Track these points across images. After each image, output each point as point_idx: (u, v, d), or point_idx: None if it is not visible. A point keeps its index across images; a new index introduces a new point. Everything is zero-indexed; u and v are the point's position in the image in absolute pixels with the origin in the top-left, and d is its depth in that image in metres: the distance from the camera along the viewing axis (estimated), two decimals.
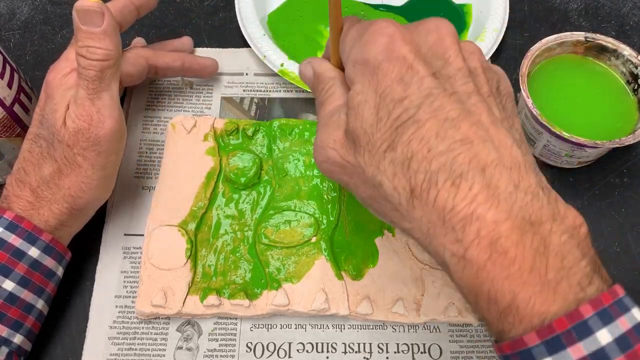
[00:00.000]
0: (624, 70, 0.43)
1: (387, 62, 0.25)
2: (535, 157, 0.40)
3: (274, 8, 0.52)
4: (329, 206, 0.41)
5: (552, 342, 0.21)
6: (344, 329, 0.38)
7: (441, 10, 0.52)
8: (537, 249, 0.22)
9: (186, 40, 0.48)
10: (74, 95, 0.34)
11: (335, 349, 0.38)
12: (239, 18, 0.49)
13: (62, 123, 0.34)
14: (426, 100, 0.24)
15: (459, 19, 0.52)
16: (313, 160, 0.42)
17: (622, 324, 0.21)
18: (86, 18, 0.33)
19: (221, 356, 0.37)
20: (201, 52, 0.50)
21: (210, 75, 0.47)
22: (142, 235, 0.41)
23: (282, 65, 0.46)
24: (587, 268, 0.22)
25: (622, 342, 0.21)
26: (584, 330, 0.21)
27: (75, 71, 0.36)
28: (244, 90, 0.48)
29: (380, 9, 0.52)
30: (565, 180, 0.44)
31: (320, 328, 0.38)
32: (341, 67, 0.30)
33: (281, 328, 0.38)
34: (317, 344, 0.38)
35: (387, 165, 0.24)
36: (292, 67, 0.46)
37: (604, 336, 0.21)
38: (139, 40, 0.47)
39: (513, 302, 0.22)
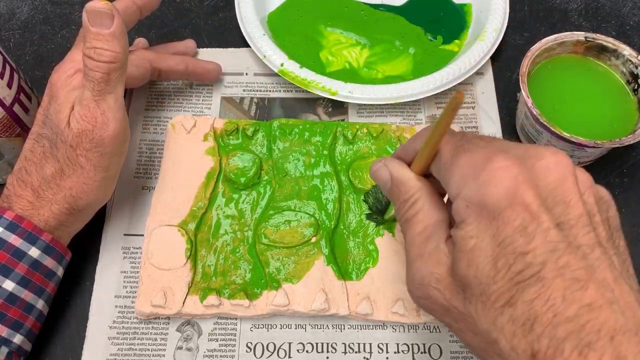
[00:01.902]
0: (624, 70, 0.43)
1: (510, 209, 0.23)
2: None
3: (273, 8, 0.52)
4: (329, 206, 0.41)
5: None
6: (344, 329, 0.38)
7: (441, 10, 0.52)
8: None
9: (190, 44, 0.48)
10: (78, 96, 0.34)
11: (335, 349, 0.38)
12: (239, 18, 0.49)
13: (66, 124, 0.34)
14: (551, 256, 0.22)
15: (459, 19, 0.52)
16: (313, 160, 0.42)
17: None
18: (96, 19, 0.33)
19: (221, 356, 0.37)
20: (201, 52, 0.50)
21: (213, 80, 0.47)
22: (142, 235, 0.41)
23: (282, 65, 0.46)
24: None
25: None
26: None
27: (79, 72, 0.36)
28: (244, 90, 0.48)
29: (380, 8, 0.52)
30: None
31: (320, 328, 0.38)
32: (423, 174, 0.28)
33: (281, 328, 0.38)
34: (317, 344, 0.38)
35: (505, 323, 0.22)
36: (292, 67, 0.46)
37: None
38: (140, 41, 0.47)
39: None
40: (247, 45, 0.48)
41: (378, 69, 0.48)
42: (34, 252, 0.34)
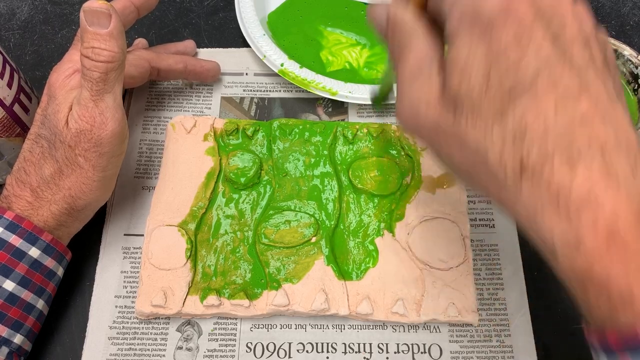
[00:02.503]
0: (624, 70, 0.43)
1: (504, 19, 0.22)
2: None
3: (273, 8, 0.52)
4: (329, 206, 0.41)
5: None
6: (344, 329, 0.38)
7: None
8: None
9: (189, 44, 0.48)
10: (77, 96, 0.34)
11: (335, 349, 0.38)
12: (239, 18, 0.49)
13: (64, 124, 0.34)
14: (544, 69, 0.22)
15: None
16: (313, 160, 0.42)
17: None
18: (93, 19, 0.33)
19: (221, 356, 0.37)
20: (201, 52, 0.50)
21: (212, 79, 0.47)
22: (142, 235, 0.41)
23: (282, 65, 0.46)
24: None
25: None
26: None
27: (78, 72, 0.36)
28: (244, 90, 0.48)
29: None
30: None
31: (320, 328, 0.38)
32: (422, 8, 0.27)
33: (281, 328, 0.38)
34: (317, 344, 0.38)
35: (495, 137, 0.22)
36: (292, 67, 0.46)
37: None
38: (140, 41, 0.47)
39: (630, 295, 0.20)
40: (247, 45, 0.48)
41: (378, 69, 0.48)
42: (34, 252, 0.34)
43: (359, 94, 0.45)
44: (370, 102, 0.42)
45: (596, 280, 0.21)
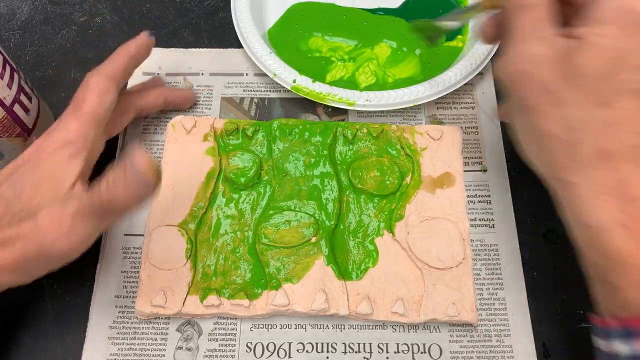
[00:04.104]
0: None
1: None
2: None
3: (271, 24, 0.51)
4: (329, 206, 0.41)
5: None
6: (344, 329, 0.38)
7: (439, 7, 0.52)
8: None
9: (157, 80, 0.47)
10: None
11: (335, 349, 0.38)
12: (240, 38, 0.48)
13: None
14: None
15: None
16: (313, 160, 0.42)
17: None
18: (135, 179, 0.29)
19: (221, 356, 0.37)
20: (201, 52, 0.50)
21: (189, 105, 0.46)
22: (142, 235, 0.41)
23: (294, 81, 0.45)
24: None
25: None
26: None
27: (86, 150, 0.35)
28: (244, 91, 0.48)
29: (379, 12, 0.52)
30: None
31: (320, 328, 0.38)
32: None
33: (281, 328, 0.38)
34: (317, 344, 0.38)
35: (593, 117, 0.25)
36: (304, 83, 0.45)
37: None
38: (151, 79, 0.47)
39: None
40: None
41: (387, 73, 0.48)
42: None
43: (377, 101, 0.44)
44: (425, 36, 0.41)
45: (633, 263, 0.24)
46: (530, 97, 0.27)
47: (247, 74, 0.49)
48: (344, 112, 0.47)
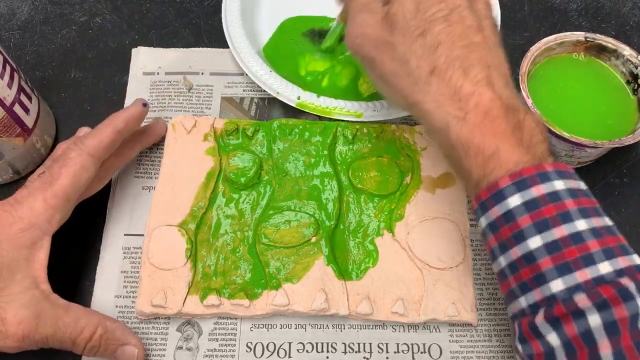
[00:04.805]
0: (624, 70, 0.43)
1: None
2: None
3: (265, 41, 0.50)
4: (329, 206, 0.41)
5: (520, 183, 0.28)
6: (344, 329, 0.38)
7: None
8: (516, 124, 0.30)
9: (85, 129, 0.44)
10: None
11: (335, 349, 0.38)
12: (238, 60, 0.47)
13: None
14: (457, 9, 0.32)
15: None
16: (313, 160, 0.42)
17: (570, 178, 0.29)
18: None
19: (221, 356, 0.37)
20: (201, 51, 0.50)
21: (160, 136, 0.44)
22: (142, 235, 0.41)
23: (298, 98, 0.45)
24: (547, 147, 0.30)
25: (570, 189, 0.29)
26: (544, 178, 0.28)
27: (34, 228, 0.34)
28: (244, 91, 0.48)
29: None
30: None
31: (320, 328, 0.38)
32: None
33: (281, 328, 0.38)
34: (317, 344, 0.38)
35: (417, 47, 0.32)
36: (309, 98, 0.45)
37: (558, 183, 0.28)
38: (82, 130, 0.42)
39: (496, 152, 0.29)
40: None
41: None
42: None
43: (385, 110, 0.44)
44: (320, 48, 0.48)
45: (476, 141, 0.29)
46: (370, 52, 0.34)
47: (247, 74, 0.49)
48: None
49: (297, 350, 0.38)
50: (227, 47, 0.50)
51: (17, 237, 0.33)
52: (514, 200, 0.28)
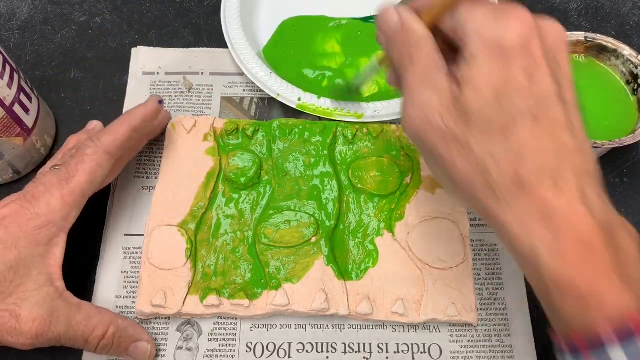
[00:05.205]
0: (624, 70, 0.43)
1: (521, 53, 0.26)
2: None
3: (264, 42, 0.50)
4: (329, 206, 0.41)
5: (624, 335, 0.23)
6: (344, 329, 0.38)
7: None
8: (615, 250, 0.25)
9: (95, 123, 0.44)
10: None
11: (335, 349, 0.38)
12: (238, 61, 0.47)
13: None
14: (545, 100, 0.26)
15: None
16: (313, 160, 0.42)
17: None
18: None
19: (221, 356, 0.37)
20: (201, 51, 0.50)
21: (164, 125, 0.44)
22: (142, 235, 0.41)
23: (299, 99, 0.45)
24: None
25: None
26: None
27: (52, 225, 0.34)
28: (244, 90, 0.48)
29: (371, 20, 0.51)
30: None
31: (320, 328, 0.38)
32: (431, 24, 0.29)
33: (281, 328, 0.38)
34: (317, 344, 0.38)
35: (498, 150, 0.26)
36: (310, 100, 0.45)
37: None
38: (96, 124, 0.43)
39: (595, 291, 0.24)
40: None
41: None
42: None
43: (385, 111, 0.44)
44: (345, 95, 0.43)
45: (569, 278, 0.24)
46: (435, 146, 0.28)
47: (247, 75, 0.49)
48: None
49: (297, 350, 0.38)
50: (227, 47, 0.50)
51: (34, 234, 0.33)
52: (617, 357, 0.23)
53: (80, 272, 0.40)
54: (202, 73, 0.49)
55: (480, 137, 0.26)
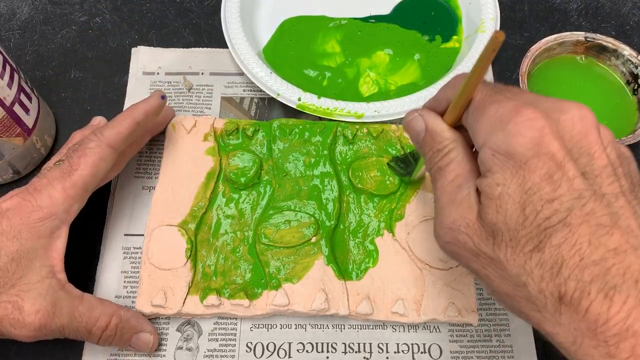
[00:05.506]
0: (624, 70, 0.43)
1: (536, 158, 0.24)
2: None
3: (264, 42, 0.50)
4: (329, 206, 0.41)
5: None
6: (344, 329, 0.38)
7: (431, 9, 0.52)
8: None
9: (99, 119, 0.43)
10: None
11: (335, 349, 0.38)
12: (238, 61, 0.47)
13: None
14: (577, 203, 0.23)
15: (450, 15, 0.51)
16: (313, 160, 0.42)
17: None
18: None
19: (221, 356, 0.37)
20: (201, 52, 0.50)
21: (168, 121, 0.44)
22: (142, 235, 0.41)
23: (299, 99, 0.45)
24: None
25: None
26: None
27: (54, 217, 0.34)
28: (244, 90, 0.48)
29: (371, 20, 0.51)
30: None
31: (320, 328, 0.38)
32: (455, 126, 0.29)
33: (281, 328, 0.38)
34: (317, 344, 0.38)
35: (534, 267, 0.24)
36: (310, 100, 0.45)
37: None
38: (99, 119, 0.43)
39: None
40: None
41: (389, 81, 0.48)
42: None
43: (385, 111, 0.44)
44: (398, 174, 0.42)
45: None
46: (468, 263, 0.27)
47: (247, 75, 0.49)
48: None
49: (297, 350, 0.38)
50: (227, 47, 0.50)
51: (36, 226, 0.33)
52: None
53: (80, 272, 0.40)
54: (202, 73, 0.49)
55: (513, 256, 0.24)
